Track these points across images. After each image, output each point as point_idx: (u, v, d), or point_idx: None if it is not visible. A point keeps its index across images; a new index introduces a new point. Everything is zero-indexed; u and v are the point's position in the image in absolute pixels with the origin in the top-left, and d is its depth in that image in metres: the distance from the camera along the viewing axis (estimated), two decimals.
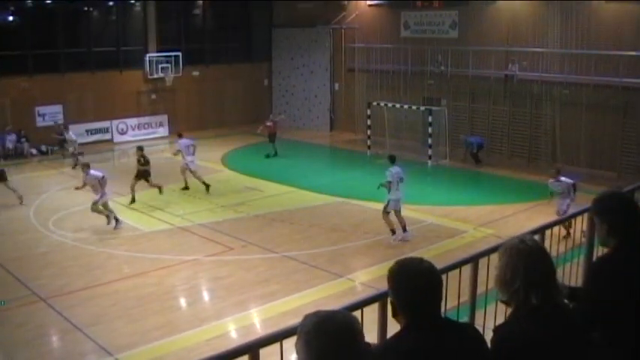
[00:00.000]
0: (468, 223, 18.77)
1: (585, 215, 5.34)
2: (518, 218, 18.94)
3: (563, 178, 17.24)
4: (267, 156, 27.86)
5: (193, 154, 22.61)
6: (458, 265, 4.57)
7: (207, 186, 22.35)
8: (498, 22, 27.31)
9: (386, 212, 16.75)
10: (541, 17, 25.91)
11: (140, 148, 21.34)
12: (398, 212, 16.83)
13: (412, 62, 29.80)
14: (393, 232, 16.79)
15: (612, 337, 3.65)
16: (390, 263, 3.21)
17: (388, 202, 16.71)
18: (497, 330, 3.25)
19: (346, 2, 33.42)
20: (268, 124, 28.23)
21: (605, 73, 23.79)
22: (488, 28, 27.62)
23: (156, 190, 21.16)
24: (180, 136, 23.56)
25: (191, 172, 22.45)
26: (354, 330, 2.62)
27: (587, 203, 4.37)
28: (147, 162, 21.00)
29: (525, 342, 3.10)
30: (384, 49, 31.02)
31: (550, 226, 5.44)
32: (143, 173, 20.88)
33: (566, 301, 3.84)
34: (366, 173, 24.80)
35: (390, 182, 16.61)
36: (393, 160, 17.18)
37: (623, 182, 19.16)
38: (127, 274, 15.19)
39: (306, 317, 2.64)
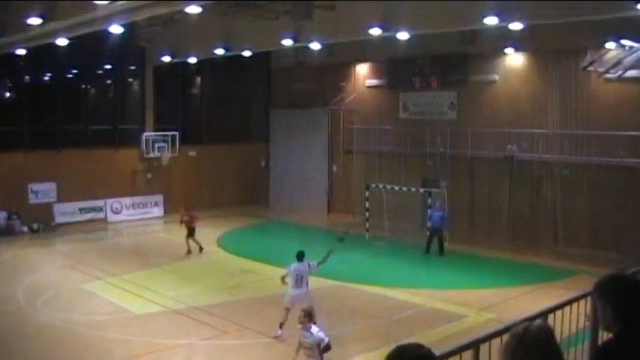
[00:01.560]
0: (469, 307, 18.57)
1: (588, 299, 5.31)
2: (520, 302, 18.75)
3: (314, 328, 12.20)
4: (188, 253, 24.93)
5: None
6: (458, 350, 4.52)
7: None
8: (497, 103, 27.75)
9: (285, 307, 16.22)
10: (540, 97, 26.35)
11: None
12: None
13: (411, 144, 30.12)
14: (281, 325, 15.97)
15: None
16: (388, 349, 3.18)
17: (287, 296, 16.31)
18: None
19: (344, 83, 34.03)
20: (185, 218, 25.28)
21: (606, 153, 24.02)
22: (487, 108, 28.04)
23: (149, 271, 21.01)
24: None
25: None
26: None
27: (589, 286, 4.34)
28: None
29: None
30: (382, 130, 31.36)
31: (553, 309, 5.41)
32: None
33: None
34: (364, 257, 24.73)
35: (283, 277, 16.32)
36: (299, 256, 16.38)
37: (626, 264, 19.10)
38: (119, 359, 14.93)
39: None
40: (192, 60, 31.32)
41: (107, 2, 16.01)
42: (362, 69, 33.55)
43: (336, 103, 33.92)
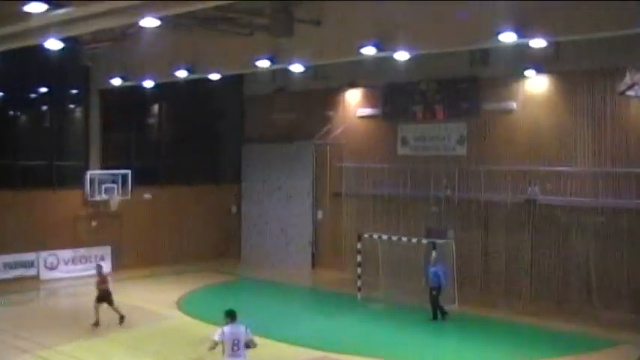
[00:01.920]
0: None
1: None
2: None
3: None
4: (120, 321, 23.70)
5: None
6: None
7: None
8: (515, 136, 27.75)
9: None
10: (568, 128, 26.37)
11: None
12: None
13: (412, 185, 30.08)
14: None
15: None
16: None
17: None
18: None
19: (332, 113, 34.03)
20: (97, 278, 24.23)
21: None
22: (503, 143, 28.04)
23: (91, 341, 20.60)
24: None
25: None
26: None
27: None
28: None
29: None
30: (377, 169, 31.38)
31: None
32: None
33: None
34: (356, 321, 24.50)
35: (215, 343, 15.67)
36: (232, 316, 15.93)
37: None
38: None
39: None
40: (149, 84, 31.13)
41: (43, 10, 15.79)
42: (353, 96, 33.64)
43: (322, 136, 33.91)
